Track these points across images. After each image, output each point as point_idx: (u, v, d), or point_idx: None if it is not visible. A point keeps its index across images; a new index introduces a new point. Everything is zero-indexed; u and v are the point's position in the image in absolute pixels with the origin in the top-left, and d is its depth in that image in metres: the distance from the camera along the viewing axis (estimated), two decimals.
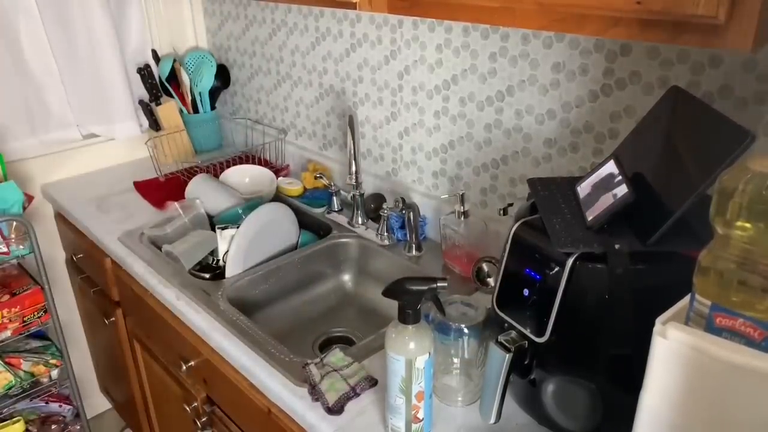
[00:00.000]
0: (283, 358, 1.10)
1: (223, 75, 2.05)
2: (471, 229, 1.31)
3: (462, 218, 1.31)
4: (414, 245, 1.42)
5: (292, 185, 1.73)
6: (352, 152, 1.48)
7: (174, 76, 1.99)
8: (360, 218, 1.56)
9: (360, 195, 1.54)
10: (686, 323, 0.63)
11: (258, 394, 1.12)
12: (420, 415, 0.89)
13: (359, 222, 1.56)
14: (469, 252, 1.31)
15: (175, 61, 1.98)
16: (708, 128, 0.76)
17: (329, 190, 1.64)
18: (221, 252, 1.44)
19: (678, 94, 0.85)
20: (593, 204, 0.81)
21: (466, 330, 0.96)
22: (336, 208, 1.64)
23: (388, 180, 1.60)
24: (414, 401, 0.87)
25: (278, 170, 1.84)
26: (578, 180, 0.88)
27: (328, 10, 1.58)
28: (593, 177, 0.86)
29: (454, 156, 1.41)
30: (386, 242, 1.47)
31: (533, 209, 0.88)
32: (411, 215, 1.39)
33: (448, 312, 0.96)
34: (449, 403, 0.99)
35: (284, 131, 1.91)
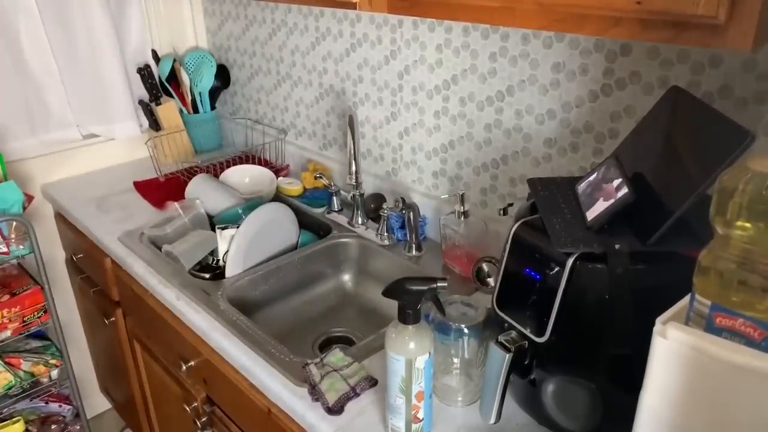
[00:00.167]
0: (283, 358, 1.10)
1: (223, 75, 2.06)
2: (471, 229, 1.31)
3: (462, 218, 1.31)
4: (414, 245, 1.42)
5: (292, 185, 1.73)
6: (352, 152, 1.48)
7: (174, 76, 1.99)
8: (360, 218, 1.56)
9: (360, 195, 1.54)
10: (686, 323, 0.63)
11: (258, 394, 1.12)
12: (420, 415, 0.89)
13: (359, 222, 1.56)
14: (469, 252, 1.31)
15: (175, 61, 1.98)
16: (708, 128, 0.76)
17: (329, 190, 1.64)
18: (221, 252, 1.44)
19: (678, 94, 0.85)
20: (593, 204, 0.81)
21: (466, 330, 0.96)
22: (336, 208, 1.64)
23: (388, 180, 1.60)
24: (414, 401, 0.87)
25: (278, 170, 1.84)
26: (578, 180, 0.88)
27: (328, 10, 1.58)
28: (593, 177, 0.86)
29: (454, 156, 1.41)
30: (386, 242, 1.47)
31: (533, 209, 0.88)
32: (411, 215, 1.39)
33: (448, 312, 0.96)
34: (449, 403, 0.99)
35: (284, 131, 1.91)
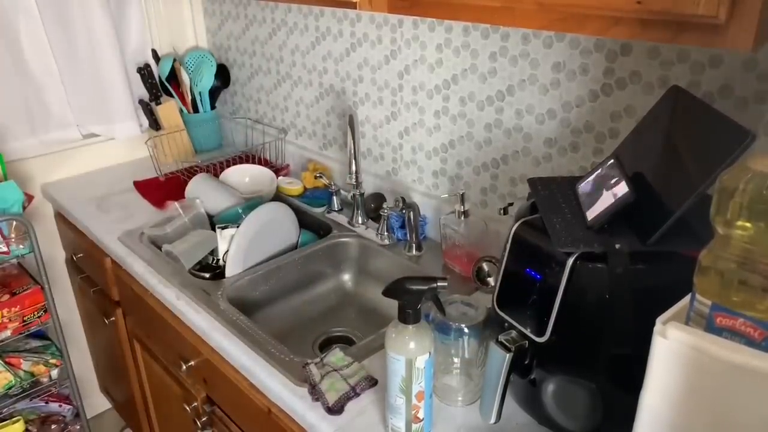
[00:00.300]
0: (283, 358, 1.10)
1: (223, 75, 2.05)
2: (471, 229, 1.31)
3: (462, 218, 1.31)
4: (414, 245, 1.42)
5: (292, 185, 1.73)
6: (352, 152, 1.48)
7: (174, 76, 1.99)
8: (360, 218, 1.56)
9: (360, 195, 1.54)
10: (686, 323, 0.63)
11: (258, 394, 1.12)
12: (420, 415, 0.89)
13: (359, 222, 1.55)
14: (469, 252, 1.31)
15: (175, 61, 1.98)
16: (708, 128, 0.76)
17: (329, 190, 1.64)
18: (221, 252, 1.44)
19: (678, 94, 0.85)
20: (593, 204, 0.81)
21: (466, 330, 0.96)
22: (336, 208, 1.64)
23: (388, 180, 1.60)
24: (414, 401, 0.87)
25: (278, 170, 1.84)
26: (578, 180, 0.88)
27: (328, 10, 1.58)
28: (593, 177, 0.86)
29: (455, 155, 1.40)
30: (386, 242, 1.47)
31: (533, 209, 0.88)
32: (411, 215, 1.39)
33: (448, 312, 0.96)
34: (449, 403, 0.99)
35: (284, 131, 1.91)
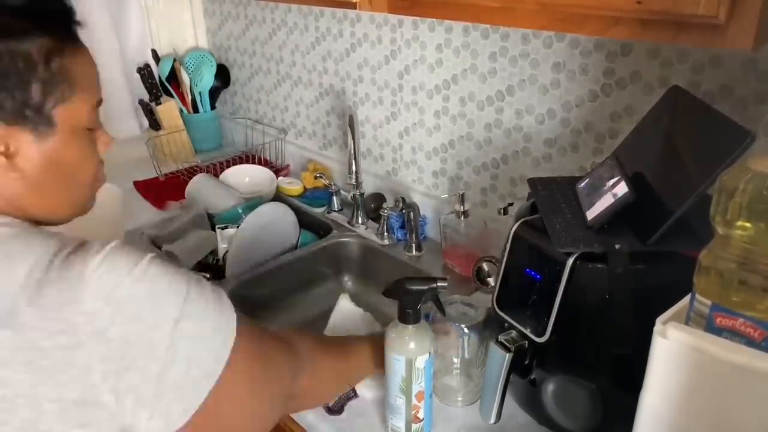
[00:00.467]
0: None
1: (223, 75, 2.05)
2: (471, 229, 1.31)
3: (462, 218, 1.31)
4: (414, 245, 1.42)
5: (292, 185, 1.73)
6: (352, 152, 1.48)
7: (174, 76, 1.99)
8: (360, 218, 1.55)
9: (360, 195, 1.54)
10: (686, 323, 0.63)
11: None
12: (420, 415, 0.89)
13: (359, 222, 1.55)
14: (469, 252, 1.31)
15: (175, 61, 1.98)
16: (708, 128, 0.76)
17: (329, 190, 1.64)
18: (221, 252, 1.44)
19: (678, 94, 0.85)
20: (593, 204, 0.81)
21: (466, 330, 0.96)
22: (336, 208, 1.64)
23: (388, 180, 1.60)
24: (414, 401, 0.87)
25: (278, 170, 1.84)
26: (578, 180, 0.88)
27: (328, 10, 1.58)
28: (593, 177, 0.86)
29: (455, 156, 1.40)
30: (386, 242, 1.47)
31: (533, 209, 0.88)
32: (411, 215, 1.39)
33: (448, 312, 0.96)
34: (449, 403, 0.99)
35: (284, 131, 1.91)
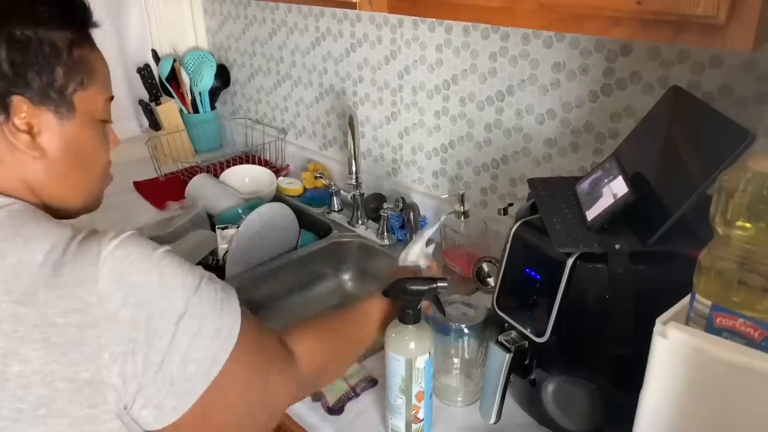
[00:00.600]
0: None
1: (223, 75, 2.05)
2: (471, 229, 1.31)
3: (462, 218, 1.31)
4: None
5: (292, 185, 1.73)
6: (352, 152, 1.48)
7: (174, 76, 1.99)
8: (360, 218, 1.55)
9: (360, 195, 1.54)
10: (686, 323, 0.63)
11: None
12: (420, 415, 0.89)
13: (359, 222, 1.55)
14: (470, 252, 1.31)
15: (175, 61, 1.98)
16: (708, 128, 0.76)
17: (329, 190, 1.64)
18: (221, 252, 1.44)
19: (678, 94, 0.85)
20: (593, 204, 0.81)
21: (466, 330, 0.96)
22: (336, 208, 1.64)
23: (388, 180, 1.60)
24: (414, 401, 0.87)
25: (278, 170, 1.84)
26: (578, 180, 0.88)
27: (328, 10, 1.58)
28: (593, 177, 0.86)
29: (454, 156, 1.40)
30: (386, 242, 1.47)
31: (533, 209, 0.88)
32: (411, 215, 1.39)
33: (448, 312, 0.96)
34: (449, 403, 0.99)
35: (284, 131, 1.91)
